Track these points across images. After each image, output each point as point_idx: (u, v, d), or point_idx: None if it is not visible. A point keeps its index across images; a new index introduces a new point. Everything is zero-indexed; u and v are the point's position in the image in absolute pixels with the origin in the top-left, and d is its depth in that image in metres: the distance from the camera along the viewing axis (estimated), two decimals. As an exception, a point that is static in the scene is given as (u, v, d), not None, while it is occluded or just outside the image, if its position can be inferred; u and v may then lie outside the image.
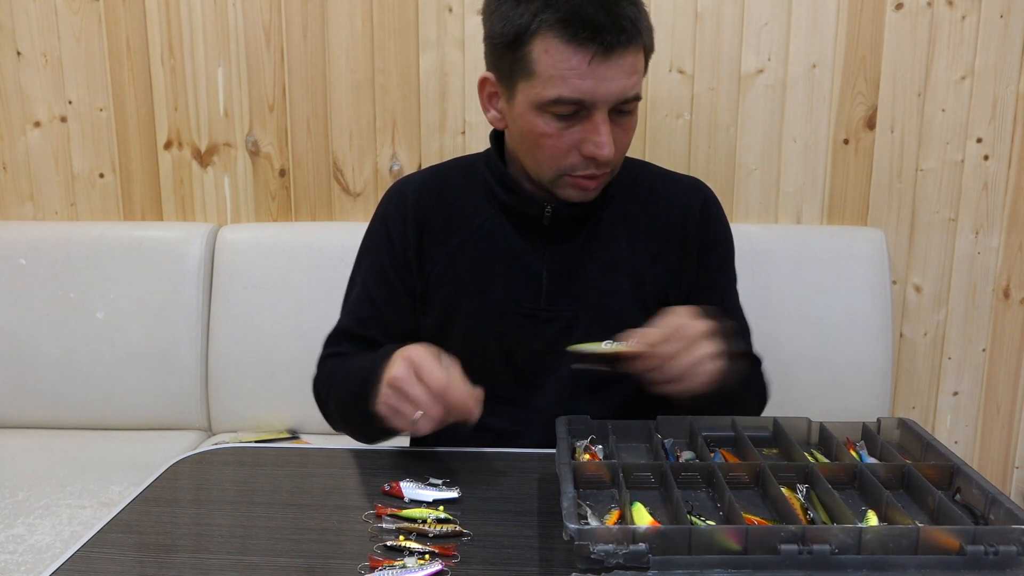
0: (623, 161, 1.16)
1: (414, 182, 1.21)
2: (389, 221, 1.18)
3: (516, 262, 1.13)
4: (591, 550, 0.69)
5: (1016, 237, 1.77)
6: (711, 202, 1.18)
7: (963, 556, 0.70)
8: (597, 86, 0.96)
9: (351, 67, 1.77)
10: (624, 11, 0.96)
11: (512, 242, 1.13)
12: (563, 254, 1.12)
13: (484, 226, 1.14)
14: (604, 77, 0.96)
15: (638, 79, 1.00)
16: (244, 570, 0.76)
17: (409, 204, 1.17)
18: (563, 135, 1.01)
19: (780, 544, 0.70)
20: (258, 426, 1.75)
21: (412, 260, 1.15)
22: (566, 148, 1.02)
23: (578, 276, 1.12)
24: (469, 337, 1.13)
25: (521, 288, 1.12)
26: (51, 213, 1.88)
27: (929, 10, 1.68)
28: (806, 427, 0.98)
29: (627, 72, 0.98)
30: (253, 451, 1.08)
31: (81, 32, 1.79)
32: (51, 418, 1.77)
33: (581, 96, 0.97)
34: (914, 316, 1.81)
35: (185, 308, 1.74)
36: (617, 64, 0.96)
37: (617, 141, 1.02)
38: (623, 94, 0.98)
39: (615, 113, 1.00)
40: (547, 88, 0.98)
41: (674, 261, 1.15)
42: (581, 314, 1.12)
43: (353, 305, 1.19)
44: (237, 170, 1.83)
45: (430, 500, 0.88)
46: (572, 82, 0.96)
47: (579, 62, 0.95)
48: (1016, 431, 1.86)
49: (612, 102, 0.98)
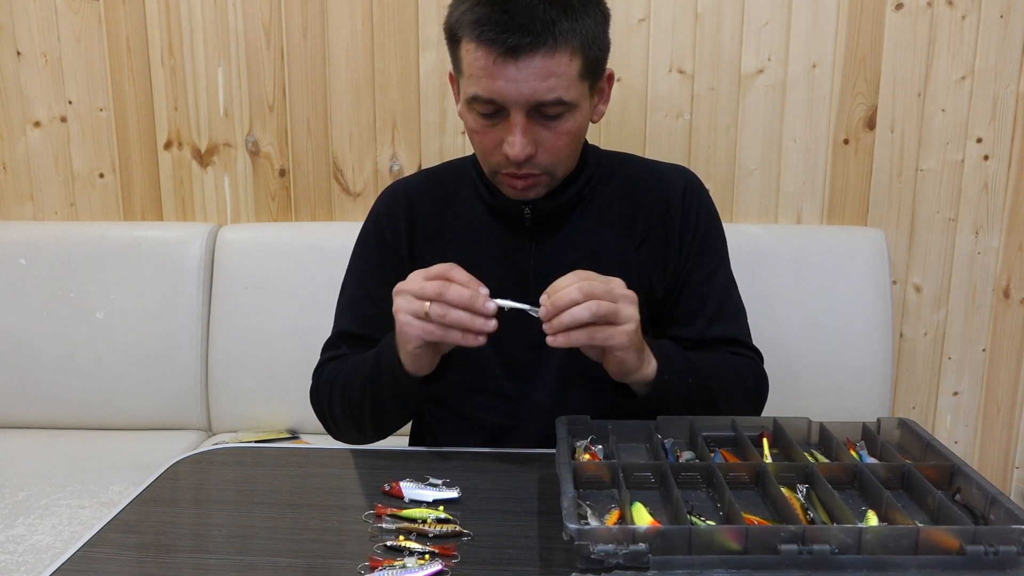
0: (607, 157, 1.18)
1: (407, 184, 1.24)
2: (383, 221, 1.20)
3: (504, 259, 1.15)
4: (591, 550, 0.69)
5: (1016, 237, 1.77)
6: (693, 186, 1.18)
7: (963, 556, 0.70)
8: (505, 87, 0.98)
9: (351, 67, 1.77)
10: (539, 14, 0.96)
11: (500, 239, 1.15)
12: (550, 249, 1.14)
13: (473, 225, 1.16)
14: (512, 79, 0.97)
15: (557, 83, 0.99)
16: (244, 570, 0.76)
17: (402, 204, 1.19)
18: (488, 133, 1.04)
19: (780, 544, 0.69)
20: (258, 426, 1.75)
21: (405, 259, 1.17)
22: (491, 146, 1.04)
23: (565, 270, 1.12)
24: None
25: (510, 284, 1.12)
26: (51, 213, 1.87)
27: (929, 10, 1.68)
28: (806, 427, 0.98)
29: (539, 75, 0.97)
30: (253, 451, 1.08)
31: (81, 32, 1.79)
32: (51, 418, 1.77)
33: (492, 96, 0.99)
34: (914, 316, 1.81)
35: (185, 308, 1.74)
36: (526, 66, 0.97)
37: (546, 144, 1.03)
38: (534, 96, 0.98)
39: (539, 116, 1.01)
40: (468, 86, 1.02)
41: (658, 248, 1.16)
42: None
43: (350, 306, 1.20)
44: (237, 170, 1.83)
45: (430, 500, 0.88)
46: (483, 81, 0.99)
47: (486, 62, 0.98)
48: (1016, 431, 1.86)
49: (524, 104, 0.99)
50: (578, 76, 1.01)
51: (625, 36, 1.72)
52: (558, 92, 0.99)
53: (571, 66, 1.00)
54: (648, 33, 1.72)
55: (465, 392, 1.16)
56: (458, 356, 1.14)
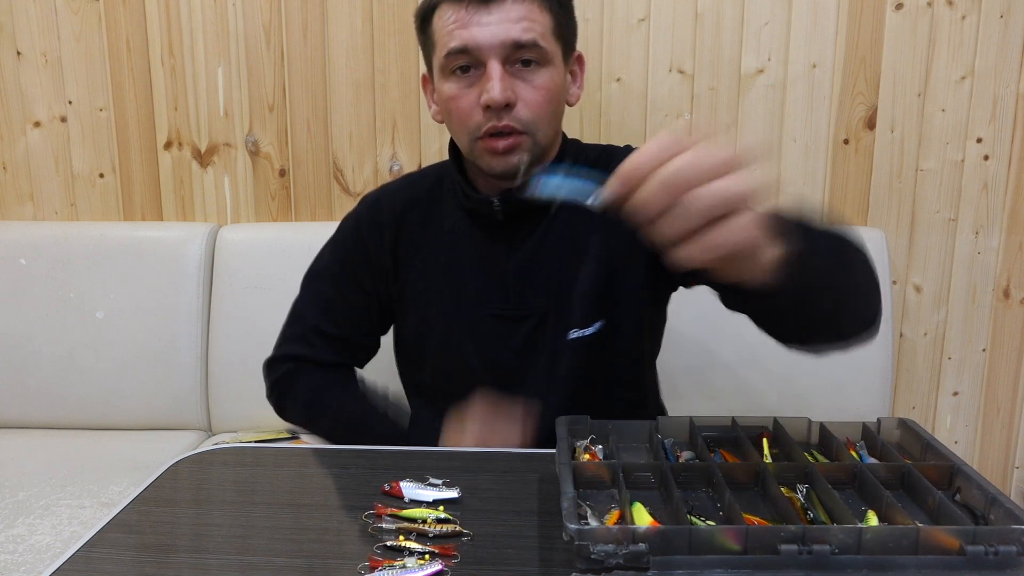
0: (588, 149, 1.18)
1: (388, 192, 1.23)
2: (365, 233, 1.20)
3: (483, 264, 1.14)
4: (591, 550, 0.69)
5: (1016, 237, 1.77)
6: None
7: (963, 556, 0.70)
8: (479, 32, 1.01)
9: (351, 67, 1.77)
10: None
11: (479, 244, 1.14)
12: (525, 251, 1.13)
13: (455, 230, 1.16)
14: (484, 23, 1.00)
15: (530, 26, 1.02)
16: (244, 570, 0.76)
17: (385, 213, 1.19)
18: (466, 95, 1.04)
19: (780, 544, 0.69)
20: (258, 426, 1.75)
21: (388, 269, 1.17)
22: (469, 107, 1.04)
23: (541, 271, 1.13)
24: (446, 342, 1.15)
25: (490, 290, 1.13)
26: (51, 213, 1.87)
27: (929, 10, 1.68)
28: (806, 427, 0.98)
29: (512, 18, 1.01)
30: (253, 451, 1.08)
31: (81, 32, 1.79)
32: (51, 418, 1.77)
33: (464, 43, 1.01)
34: (914, 316, 1.81)
35: (185, 308, 1.74)
36: (498, 10, 1.01)
37: (525, 97, 1.03)
38: (509, 37, 1.00)
39: (516, 66, 1.03)
40: (441, 49, 1.04)
41: (626, 227, 1.11)
42: (551, 308, 1.12)
43: (327, 305, 1.22)
44: (237, 170, 1.83)
45: (430, 500, 0.88)
46: (455, 33, 1.02)
47: (460, 15, 1.01)
48: (1016, 431, 1.86)
49: (499, 48, 1.01)
50: (551, 33, 1.04)
51: (625, 36, 1.72)
52: (533, 34, 1.02)
53: (543, 17, 1.03)
54: (648, 33, 1.72)
55: (453, 400, 1.15)
56: (445, 366, 1.14)
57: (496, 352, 1.13)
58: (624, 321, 1.13)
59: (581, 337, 1.11)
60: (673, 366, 1.49)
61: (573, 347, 1.11)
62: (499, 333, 1.13)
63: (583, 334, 1.11)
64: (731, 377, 1.66)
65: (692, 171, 0.62)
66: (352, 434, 1.14)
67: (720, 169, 0.62)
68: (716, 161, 0.63)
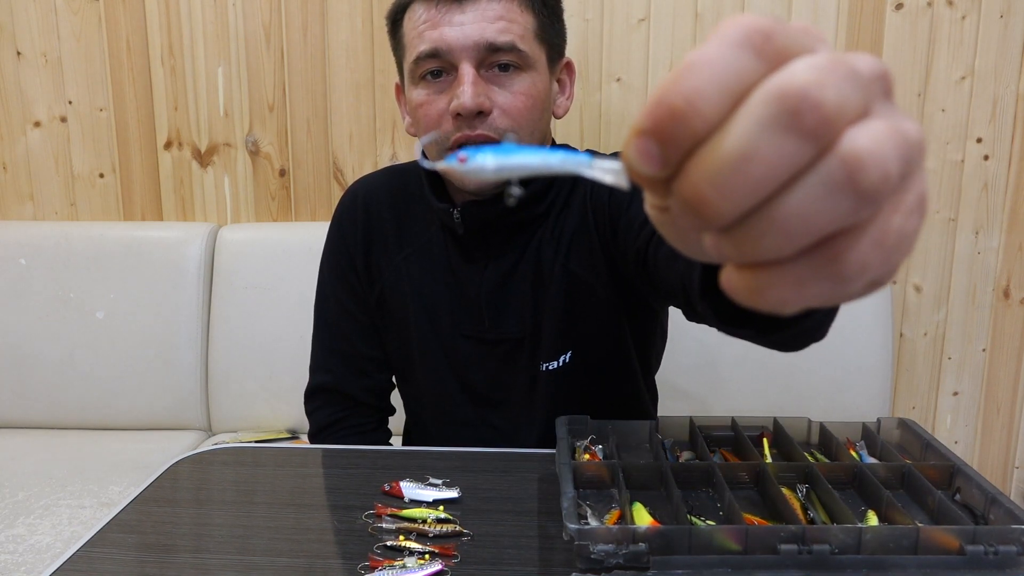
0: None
1: (369, 183, 1.16)
2: (343, 224, 1.14)
3: (456, 285, 1.07)
4: (591, 550, 0.69)
5: (1016, 237, 1.77)
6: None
7: (963, 556, 0.70)
8: (449, 32, 0.92)
9: (351, 67, 1.77)
10: None
11: (452, 261, 1.07)
12: (498, 272, 1.05)
13: (431, 240, 1.09)
14: (456, 23, 0.92)
15: (508, 26, 0.93)
16: (244, 570, 0.76)
17: (359, 207, 1.12)
18: (434, 101, 0.95)
19: (780, 544, 0.69)
20: (258, 426, 1.75)
21: (360, 270, 1.12)
22: (438, 115, 0.95)
23: (515, 296, 1.06)
24: (425, 361, 1.11)
25: (464, 312, 1.07)
26: (51, 213, 1.87)
27: (929, 10, 1.68)
28: (806, 427, 0.98)
29: (488, 17, 0.92)
30: (253, 451, 1.08)
31: (81, 32, 1.79)
32: (51, 418, 1.77)
33: (434, 45, 0.93)
34: (914, 316, 1.81)
35: (185, 308, 1.74)
36: (473, 9, 0.92)
37: (502, 104, 0.94)
38: (483, 38, 0.92)
39: (493, 71, 0.94)
40: (411, 52, 0.96)
41: (596, 242, 1.03)
42: (526, 335, 1.06)
43: (329, 320, 1.16)
44: (237, 170, 1.83)
45: (430, 500, 0.88)
46: (425, 34, 0.93)
47: (431, 14, 0.93)
48: (1016, 431, 1.86)
49: (472, 50, 0.92)
50: (533, 35, 0.96)
51: (625, 36, 1.72)
52: (511, 36, 0.93)
53: (523, 17, 0.95)
54: (648, 33, 1.72)
55: (432, 423, 1.15)
56: (428, 386, 1.11)
57: (472, 374, 1.09)
58: (592, 350, 1.06)
59: (553, 369, 1.06)
60: (673, 366, 1.49)
61: (546, 378, 1.06)
62: (474, 355, 1.08)
63: (554, 366, 1.05)
64: (731, 377, 1.66)
65: (833, 105, 0.26)
66: None
67: (876, 101, 0.28)
68: (868, 84, 0.27)
